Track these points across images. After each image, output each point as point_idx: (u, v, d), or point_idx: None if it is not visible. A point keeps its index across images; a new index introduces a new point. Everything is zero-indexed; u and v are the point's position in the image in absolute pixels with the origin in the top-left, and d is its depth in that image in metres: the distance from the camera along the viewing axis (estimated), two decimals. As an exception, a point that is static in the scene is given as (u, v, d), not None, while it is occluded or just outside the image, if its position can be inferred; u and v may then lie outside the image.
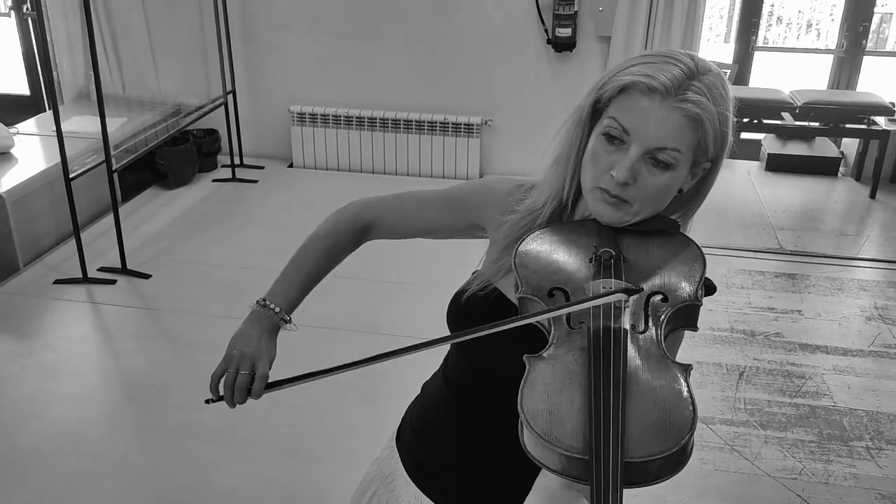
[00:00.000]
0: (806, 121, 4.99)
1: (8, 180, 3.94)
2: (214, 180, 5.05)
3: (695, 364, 2.92)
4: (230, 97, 5.05)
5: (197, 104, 4.78)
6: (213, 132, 5.24)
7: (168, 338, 3.34)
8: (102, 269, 3.82)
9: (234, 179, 5.04)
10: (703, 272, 1.02)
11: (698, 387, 3.06)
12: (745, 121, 5.00)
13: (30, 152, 4.34)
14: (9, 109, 5.19)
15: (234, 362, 1.17)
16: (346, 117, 5.15)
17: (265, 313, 1.22)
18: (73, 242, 3.80)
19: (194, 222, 4.46)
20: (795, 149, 5.51)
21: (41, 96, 5.53)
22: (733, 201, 4.96)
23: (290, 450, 2.68)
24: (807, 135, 5.46)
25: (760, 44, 5.80)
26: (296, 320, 1.25)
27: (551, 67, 4.93)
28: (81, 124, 4.50)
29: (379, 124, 5.13)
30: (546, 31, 4.81)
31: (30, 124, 4.77)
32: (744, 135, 5.65)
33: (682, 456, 0.85)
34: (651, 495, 2.51)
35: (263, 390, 1.16)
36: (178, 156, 4.90)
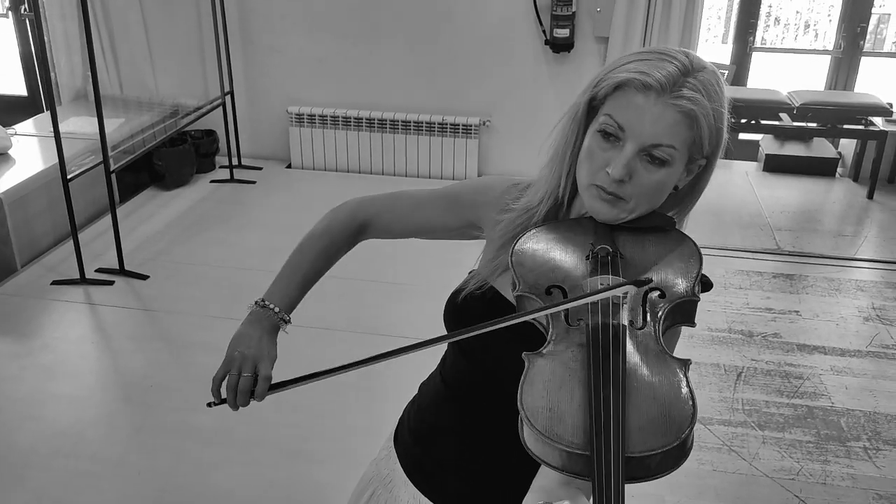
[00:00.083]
0: (804, 121, 4.99)
1: (5, 181, 3.94)
2: (212, 181, 5.05)
3: (693, 365, 2.92)
4: (228, 98, 5.05)
5: (195, 105, 4.78)
6: (211, 133, 5.24)
7: (166, 339, 3.33)
8: (100, 270, 3.82)
9: (232, 180, 5.04)
10: (699, 268, 1.03)
11: (696, 387, 3.05)
12: (743, 121, 5.01)
13: (27, 153, 4.34)
14: (6, 110, 5.19)
15: (236, 364, 1.16)
16: (343, 118, 5.15)
17: (264, 314, 1.21)
18: (70, 243, 3.80)
19: (192, 223, 4.45)
20: (793, 149, 5.52)
21: (39, 97, 5.53)
22: (731, 202, 4.97)
23: (288, 450, 2.68)
24: (804, 135, 5.47)
25: (758, 44, 5.81)
26: (293, 321, 1.25)
27: (549, 68, 4.93)
28: (79, 125, 4.50)
29: (377, 125, 5.13)
30: (544, 31, 4.81)
31: (27, 125, 4.76)
32: (742, 135, 5.66)
33: (683, 450, 0.85)
34: (649, 496, 2.51)
35: (267, 392, 1.15)
36: (175, 157, 4.90)
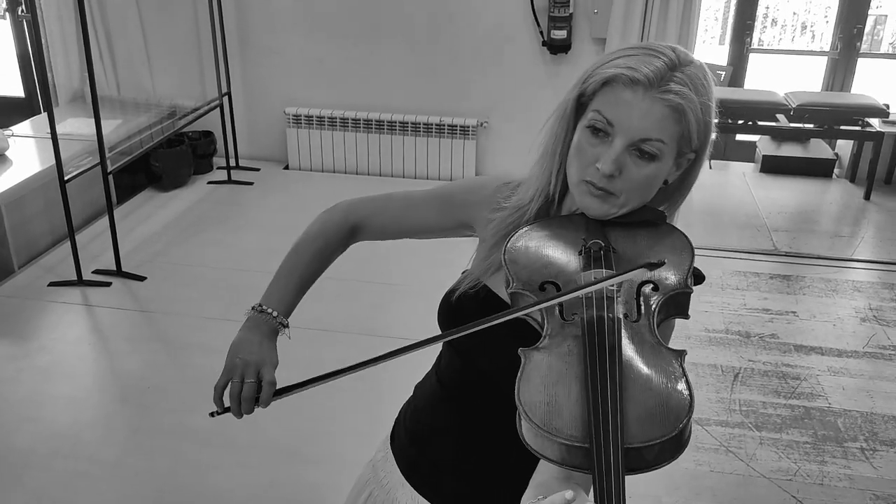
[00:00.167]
0: (800, 122, 5.00)
1: (2, 182, 3.93)
2: (210, 182, 5.05)
3: (690, 366, 2.92)
4: (226, 99, 5.05)
5: (192, 106, 4.78)
6: (208, 134, 5.24)
7: (163, 340, 3.33)
8: (97, 272, 3.82)
9: (229, 182, 5.03)
10: (691, 260, 1.03)
11: (693, 388, 3.06)
12: (740, 122, 5.02)
13: (24, 154, 4.34)
14: (3, 111, 5.19)
15: (238, 371, 1.15)
16: (341, 119, 5.15)
17: (263, 319, 1.20)
18: (67, 245, 3.80)
19: (189, 224, 4.45)
20: (790, 150, 5.53)
21: (36, 98, 5.53)
22: (728, 203, 4.98)
23: (285, 452, 2.68)
24: (801, 136, 5.48)
25: (755, 46, 5.81)
26: (289, 322, 1.25)
27: (547, 69, 4.94)
28: (76, 126, 4.49)
29: (374, 126, 5.14)
30: (541, 33, 4.82)
31: (24, 126, 4.76)
32: (738, 136, 5.67)
33: (681, 441, 0.85)
34: (646, 497, 2.51)
35: (272, 398, 1.14)
36: (173, 158, 4.90)
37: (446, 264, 2.05)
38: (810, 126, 5.03)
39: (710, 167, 5.55)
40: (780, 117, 5.04)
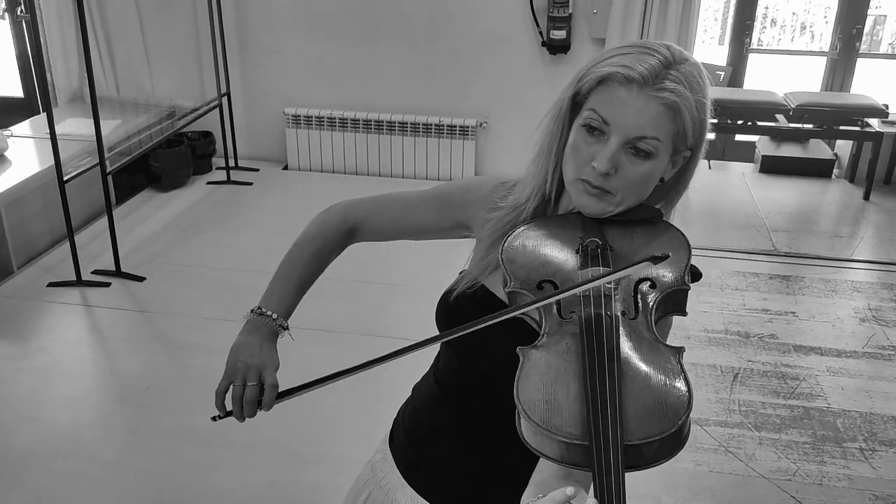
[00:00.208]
0: (800, 123, 5.00)
1: (2, 183, 3.93)
2: (209, 183, 5.04)
3: (689, 366, 2.92)
4: (225, 99, 5.05)
5: (191, 106, 4.78)
6: (207, 134, 5.24)
7: (162, 340, 3.33)
8: (96, 272, 3.82)
9: (228, 182, 5.03)
10: (688, 258, 1.03)
11: (692, 388, 3.06)
12: (740, 123, 5.02)
13: (23, 155, 4.33)
14: (3, 112, 5.18)
15: (240, 375, 1.14)
16: (340, 119, 5.15)
17: (262, 321, 1.20)
18: (66, 245, 3.80)
19: (189, 225, 4.45)
20: (789, 151, 5.53)
21: (35, 98, 5.52)
22: (728, 203, 4.98)
23: (285, 452, 2.68)
24: (801, 137, 5.48)
25: (754, 46, 5.82)
26: (288, 322, 1.24)
27: (546, 69, 4.94)
28: (75, 126, 4.49)
29: (374, 126, 5.13)
30: (541, 33, 4.82)
31: (24, 127, 4.76)
32: (738, 137, 5.67)
33: (680, 437, 0.85)
34: (645, 497, 2.51)
35: (275, 400, 1.14)
36: (172, 158, 4.90)
37: (446, 264, 2.05)
38: (809, 126, 5.03)
39: (710, 167, 5.55)
40: (780, 117, 5.04)
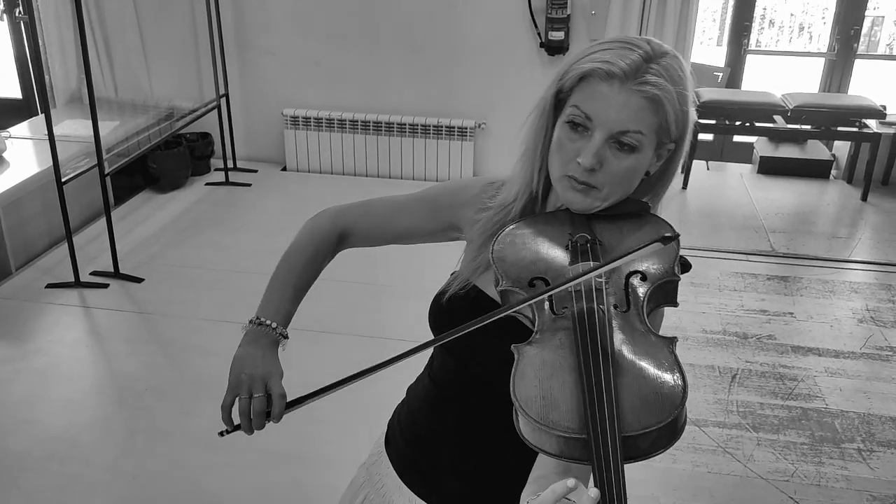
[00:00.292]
0: (798, 124, 5.01)
1: (0, 184, 3.93)
2: (207, 184, 5.04)
3: (687, 367, 2.92)
4: (223, 100, 5.05)
5: (190, 108, 4.78)
6: (206, 136, 5.24)
7: (160, 342, 3.33)
8: (95, 273, 3.81)
9: (227, 183, 5.03)
10: (678, 249, 1.04)
11: (690, 389, 3.06)
12: (737, 124, 5.02)
13: (22, 156, 4.33)
14: (1, 113, 5.18)
15: (245, 387, 1.12)
16: (339, 121, 5.15)
17: (262, 331, 1.18)
18: (65, 246, 3.79)
19: (187, 226, 4.45)
20: (787, 152, 5.53)
21: (33, 100, 5.52)
22: (726, 204, 4.98)
23: (282, 454, 2.67)
24: (799, 138, 5.49)
25: (753, 47, 5.82)
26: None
27: (544, 70, 4.94)
28: (74, 128, 4.49)
29: (372, 128, 5.14)
30: (539, 34, 4.82)
31: (22, 128, 4.76)
32: (736, 138, 5.68)
33: (675, 427, 0.86)
34: (644, 497, 2.51)
35: (284, 410, 1.12)
36: (170, 159, 4.90)
37: (437, 266, 2.05)
38: (807, 127, 5.04)
39: (708, 168, 5.56)
40: (778, 118, 5.05)
